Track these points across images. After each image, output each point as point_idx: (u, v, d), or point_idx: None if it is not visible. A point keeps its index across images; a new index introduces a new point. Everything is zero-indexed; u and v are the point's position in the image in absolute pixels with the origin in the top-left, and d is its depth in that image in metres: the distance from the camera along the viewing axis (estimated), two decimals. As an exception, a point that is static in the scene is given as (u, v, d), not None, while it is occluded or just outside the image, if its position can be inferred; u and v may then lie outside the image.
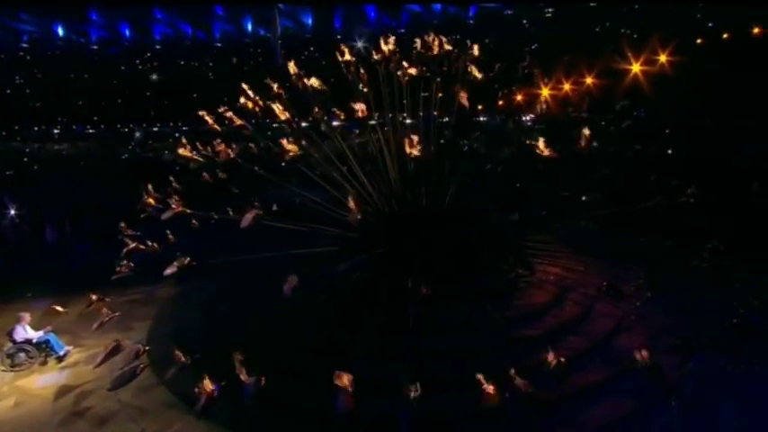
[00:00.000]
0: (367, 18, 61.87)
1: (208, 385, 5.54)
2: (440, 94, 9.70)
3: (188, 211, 7.62)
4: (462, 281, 8.61)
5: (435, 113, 9.89)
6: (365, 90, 9.44)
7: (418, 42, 9.26)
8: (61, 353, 7.95)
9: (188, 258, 6.84)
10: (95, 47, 63.97)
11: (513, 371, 5.14)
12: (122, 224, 7.98)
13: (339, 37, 61.31)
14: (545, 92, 8.27)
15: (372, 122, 9.83)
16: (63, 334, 8.91)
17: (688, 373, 6.65)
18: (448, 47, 8.98)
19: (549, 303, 8.56)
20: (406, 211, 9.32)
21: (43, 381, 7.49)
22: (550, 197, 10.35)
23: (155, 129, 50.78)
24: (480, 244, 9.17)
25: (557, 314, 8.16)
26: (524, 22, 50.62)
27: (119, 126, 51.24)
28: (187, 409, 6.67)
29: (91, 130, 52.81)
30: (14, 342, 7.70)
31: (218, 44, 62.01)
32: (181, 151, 8.15)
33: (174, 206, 7.40)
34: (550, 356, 5.32)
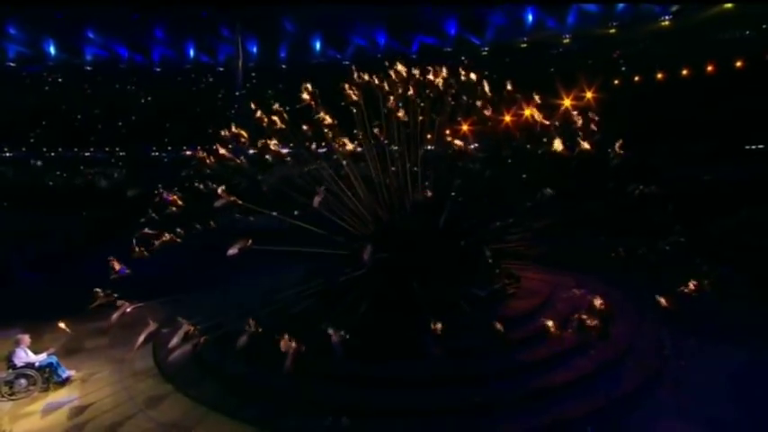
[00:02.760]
0: (312, 49, 63.23)
1: (293, 344, 5.90)
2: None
3: (239, 202, 7.71)
4: (460, 289, 9.36)
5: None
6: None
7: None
8: (65, 376, 7.41)
9: (250, 240, 6.89)
10: (12, 63, 59.10)
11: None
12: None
13: (284, 66, 62.04)
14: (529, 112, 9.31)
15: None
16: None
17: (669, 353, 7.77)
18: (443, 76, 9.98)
19: (541, 305, 9.48)
20: (402, 225, 9.92)
21: (52, 406, 6.94)
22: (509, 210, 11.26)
23: (86, 154, 47.38)
24: (476, 255, 9.99)
25: (551, 314, 9.04)
26: (462, 58, 54.30)
27: (44, 150, 47.22)
28: (217, 416, 6.62)
29: (8, 154, 48.07)
30: (14, 367, 7.08)
31: (158, 69, 59.97)
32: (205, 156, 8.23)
33: (222, 196, 7.47)
34: (597, 302, 6.23)
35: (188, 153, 49.07)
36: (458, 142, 8.15)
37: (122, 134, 48.37)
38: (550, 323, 6.16)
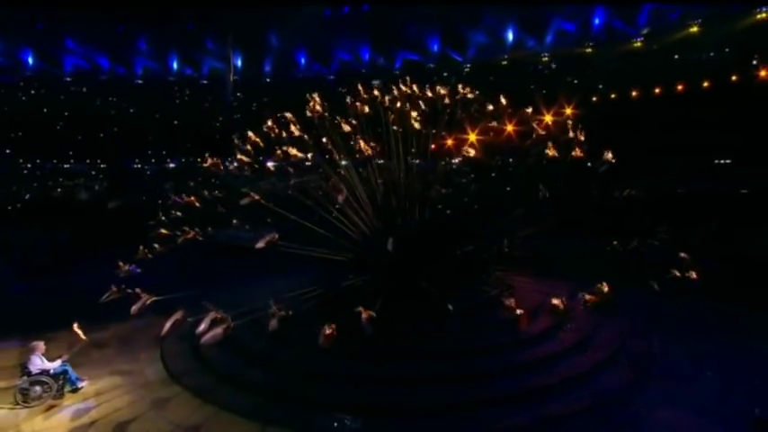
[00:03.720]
0: (298, 64, 63.76)
1: (328, 328, 6.54)
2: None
3: (263, 201, 8.02)
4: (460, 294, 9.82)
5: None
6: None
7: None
8: (79, 384, 7.48)
9: (277, 235, 7.20)
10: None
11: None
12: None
13: (268, 80, 62.35)
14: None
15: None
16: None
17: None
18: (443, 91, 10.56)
19: (535, 311, 9.98)
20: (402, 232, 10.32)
21: (67, 413, 6.99)
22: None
23: (66, 166, 46.48)
24: (473, 262, 10.48)
25: (546, 319, 9.56)
26: (444, 74, 55.89)
27: (20, 161, 46.07)
28: (231, 417, 6.82)
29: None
30: (29, 374, 7.11)
31: (140, 81, 59.46)
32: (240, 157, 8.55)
33: (249, 195, 7.79)
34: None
35: (171, 165, 48.81)
36: (470, 151, 8.64)
37: (103, 146, 47.67)
38: (557, 301, 6.74)
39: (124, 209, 33.05)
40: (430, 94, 10.97)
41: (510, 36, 51.25)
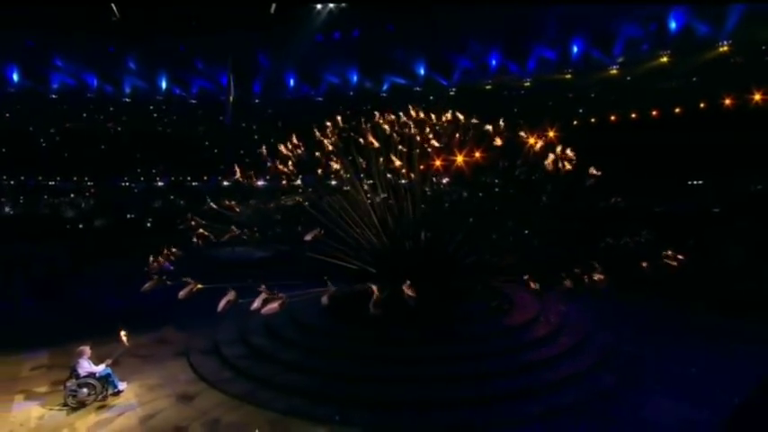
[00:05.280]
0: (286, 86, 64.84)
1: (376, 291, 7.21)
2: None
3: (305, 204, 8.69)
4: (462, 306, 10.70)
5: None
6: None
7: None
8: (120, 387, 7.95)
9: (322, 230, 7.87)
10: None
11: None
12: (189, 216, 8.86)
13: (257, 101, 63.16)
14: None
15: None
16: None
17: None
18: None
19: (534, 318, 10.84)
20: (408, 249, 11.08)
21: (114, 412, 7.44)
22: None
23: (51, 183, 45.97)
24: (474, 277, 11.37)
25: (544, 326, 10.41)
26: (431, 98, 57.60)
27: (4, 178, 45.38)
28: (266, 414, 7.38)
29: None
30: (78, 376, 7.57)
31: (127, 99, 59.55)
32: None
33: (296, 198, 8.44)
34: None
35: (160, 184, 48.72)
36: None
37: (91, 163, 47.43)
38: (567, 282, 8.05)
39: (112, 226, 33.03)
40: (434, 118, 11.97)
41: (493, 61, 53.55)
